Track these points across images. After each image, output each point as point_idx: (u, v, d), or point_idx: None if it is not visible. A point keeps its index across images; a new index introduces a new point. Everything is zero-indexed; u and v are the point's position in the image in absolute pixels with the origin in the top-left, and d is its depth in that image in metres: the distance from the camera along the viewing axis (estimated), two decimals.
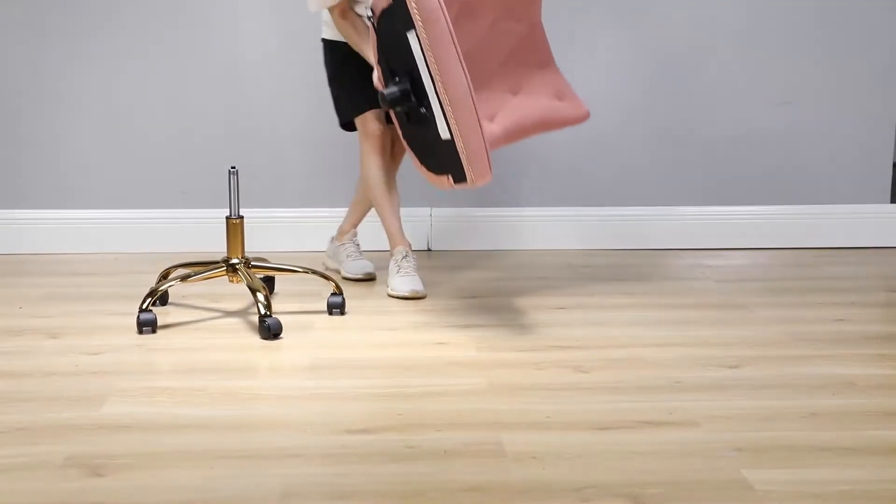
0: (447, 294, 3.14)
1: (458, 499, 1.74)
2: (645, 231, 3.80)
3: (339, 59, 3.14)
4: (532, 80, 2.95)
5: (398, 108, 2.68)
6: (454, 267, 3.52)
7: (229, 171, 2.85)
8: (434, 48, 2.45)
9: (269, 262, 3.00)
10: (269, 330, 2.65)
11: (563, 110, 2.97)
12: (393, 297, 3.07)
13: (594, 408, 2.17)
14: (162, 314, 2.85)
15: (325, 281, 2.99)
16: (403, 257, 3.15)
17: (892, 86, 3.78)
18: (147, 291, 2.78)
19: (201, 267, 2.99)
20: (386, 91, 2.64)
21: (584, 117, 3.01)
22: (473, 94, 2.48)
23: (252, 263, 2.88)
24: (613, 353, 2.54)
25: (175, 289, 3.12)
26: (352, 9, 3.03)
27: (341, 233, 3.42)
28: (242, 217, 2.86)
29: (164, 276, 2.97)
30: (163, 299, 2.98)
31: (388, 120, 3.10)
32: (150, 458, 1.91)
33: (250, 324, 2.79)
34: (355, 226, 3.41)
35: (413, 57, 2.53)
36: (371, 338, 2.69)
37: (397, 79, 2.65)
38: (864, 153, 3.82)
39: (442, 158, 2.64)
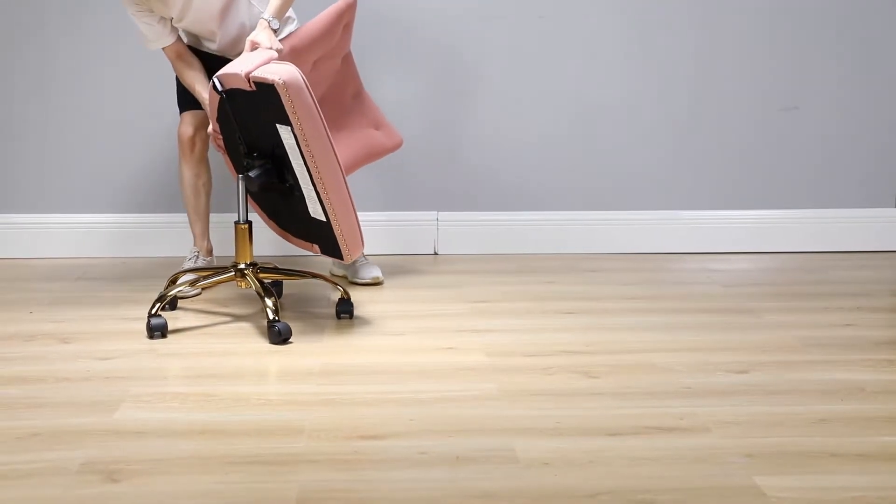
0: (455, 298, 3.15)
1: None
2: (650, 235, 3.81)
3: None
4: (352, 115, 3.12)
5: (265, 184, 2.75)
6: (461, 271, 3.52)
7: (238, 177, 2.86)
8: (311, 143, 2.53)
9: (277, 267, 3.01)
10: (279, 335, 2.66)
11: (381, 139, 3.15)
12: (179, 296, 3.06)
13: (605, 413, 2.18)
14: (171, 319, 2.86)
15: (333, 286, 3.01)
16: (191, 258, 3.25)
17: None
18: (156, 296, 2.80)
19: (210, 272, 3.00)
20: (252, 174, 2.71)
21: (399, 145, 3.20)
22: (346, 181, 2.60)
23: (260, 268, 2.89)
24: (622, 359, 2.55)
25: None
26: (197, 45, 3.09)
27: None
28: (251, 222, 2.87)
29: (173, 281, 2.98)
30: (172, 304, 2.99)
31: (201, 127, 3.14)
32: (164, 463, 1.92)
33: (259, 328, 2.80)
34: None
35: (276, 140, 2.62)
36: (380, 343, 2.70)
37: (255, 154, 2.73)
38: (870, 156, 3.82)
39: (311, 232, 2.78)
